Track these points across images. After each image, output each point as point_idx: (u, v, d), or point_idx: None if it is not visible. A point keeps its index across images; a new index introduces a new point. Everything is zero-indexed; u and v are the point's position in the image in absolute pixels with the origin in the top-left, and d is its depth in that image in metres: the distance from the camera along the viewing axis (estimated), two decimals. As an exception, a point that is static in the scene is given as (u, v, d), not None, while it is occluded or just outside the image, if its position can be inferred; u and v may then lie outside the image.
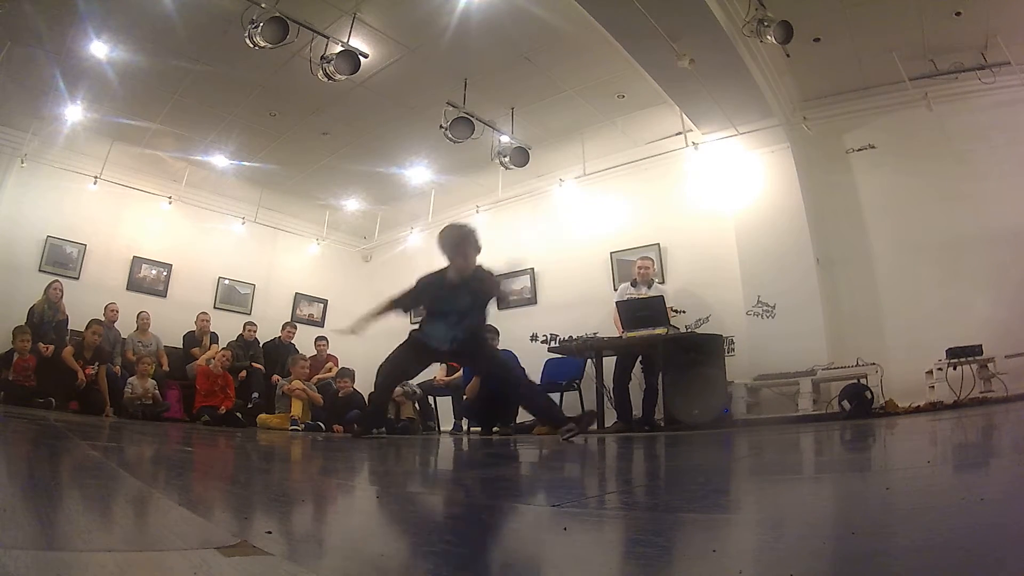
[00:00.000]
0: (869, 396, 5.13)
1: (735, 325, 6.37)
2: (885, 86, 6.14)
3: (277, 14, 4.80)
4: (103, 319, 6.91)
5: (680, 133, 7.01)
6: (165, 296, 8.22)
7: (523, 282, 8.41)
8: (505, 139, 6.85)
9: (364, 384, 7.50)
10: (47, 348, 6.26)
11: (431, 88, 6.22)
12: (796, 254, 6.20)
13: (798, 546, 0.92)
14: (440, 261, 4.14)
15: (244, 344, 7.76)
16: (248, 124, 7.11)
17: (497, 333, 6.36)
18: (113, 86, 6.08)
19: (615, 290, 6.85)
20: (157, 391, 6.64)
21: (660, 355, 5.62)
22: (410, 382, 6.06)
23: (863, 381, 5.29)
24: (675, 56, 5.21)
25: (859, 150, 6.42)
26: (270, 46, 4.86)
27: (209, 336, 7.75)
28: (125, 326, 7.29)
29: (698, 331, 6.08)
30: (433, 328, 4.13)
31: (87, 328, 6.48)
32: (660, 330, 5.67)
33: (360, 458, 2.98)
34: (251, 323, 8.07)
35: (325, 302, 9.95)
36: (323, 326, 9.55)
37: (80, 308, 6.91)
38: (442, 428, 7.20)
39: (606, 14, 4.97)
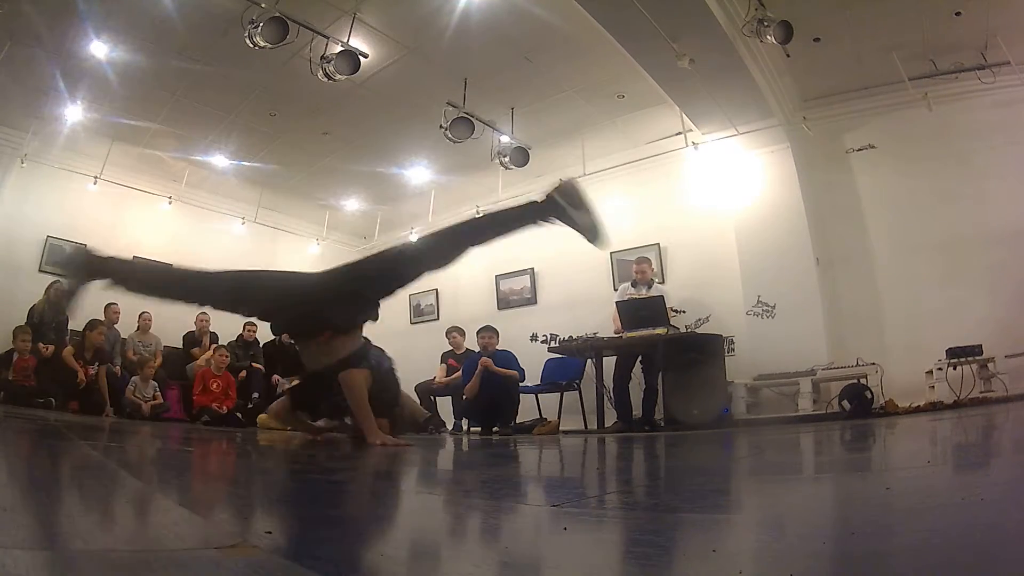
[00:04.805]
0: (869, 396, 5.14)
1: (735, 325, 6.37)
2: (885, 86, 6.14)
3: (277, 14, 4.80)
4: (103, 319, 6.90)
5: (680, 133, 7.01)
6: (165, 296, 8.21)
7: (523, 282, 8.41)
8: (505, 139, 6.85)
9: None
10: (47, 348, 6.25)
11: (431, 88, 6.22)
12: (796, 254, 6.20)
13: (798, 546, 0.92)
14: None
15: (244, 344, 7.76)
16: (248, 124, 7.11)
17: (496, 333, 6.37)
18: (113, 86, 6.08)
19: (615, 290, 6.85)
20: (159, 391, 6.65)
21: (660, 355, 5.63)
22: None
23: (863, 381, 5.30)
24: (675, 56, 5.21)
25: (859, 150, 6.42)
26: (270, 46, 4.86)
27: (209, 336, 7.74)
28: (125, 326, 7.28)
29: (698, 331, 6.08)
30: None
31: (93, 329, 6.46)
32: (660, 330, 5.67)
33: (359, 458, 2.98)
34: (251, 323, 8.05)
35: (325, 302, 9.94)
36: (323, 326, 9.52)
37: (80, 308, 6.90)
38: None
39: (606, 14, 4.97)
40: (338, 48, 5.26)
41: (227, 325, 8.10)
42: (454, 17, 5.25)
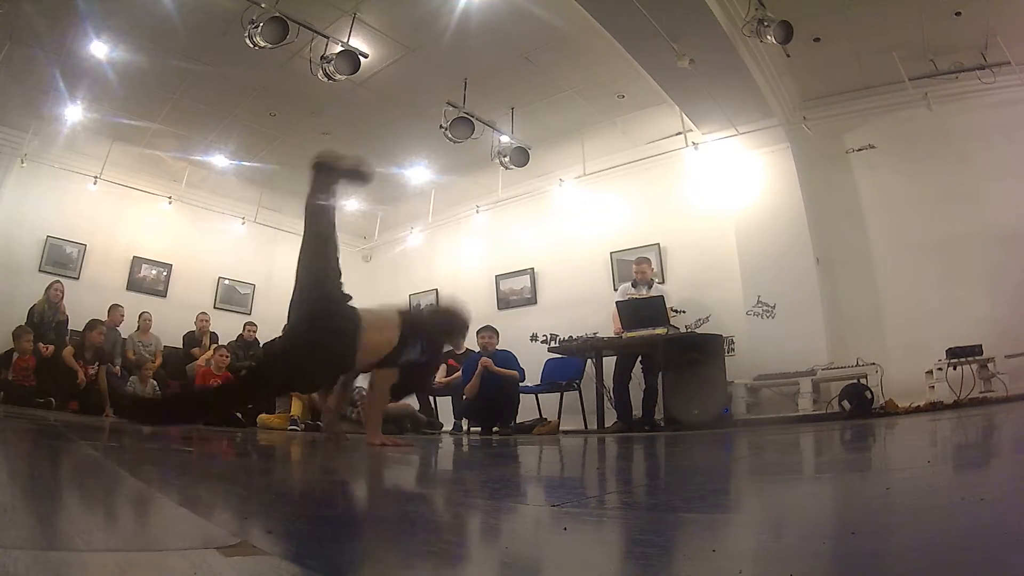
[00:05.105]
0: (869, 396, 5.14)
1: (735, 325, 6.37)
2: (885, 86, 6.14)
3: (277, 14, 4.80)
4: (106, 320, 6.91)
5: (680, 133, 7.01)
6: (165, 296, 8.22)
7: (523, 282, 8.41)
8: (505, 139, 6.86)
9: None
10: (47, 348, 6.26)
11: (431, 88, 6.22)
12: (796, 254, 6.20)
13: (798, 546, 0.92)
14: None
15: (244, 344, 7.76)
16: (248, 124, 7.11)
17: (497, 333, 6.37)
18: (113, 86, 6.08)
19: (615, 290, 6.85)
20: (159, 391, 6.65)
21: (660, 355, 5.62)
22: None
23: (863, 381, 5.29)
24: (675, 56, 5.21)
25: (859, 150, 6.42)
26: (270, 46, 4.86)
27: (209, 336, 7.75)
28: (126, 326, 7.29)
29: (698, 331, 6.08)
30: None
31: (92, 329, 6.46)
32: (660, 330, 5.67)
33: (359, 458, 2.98)
34: (251, 323, 8.07)
35: (325, 302, 9.94)
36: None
37: (80, 308, 6.91)
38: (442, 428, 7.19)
39: (606, 14, 4.97)
40: (338, 48, 5.26)
41: (227, 325, 8.12)
42: (454, 17, 5.25)
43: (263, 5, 4.82)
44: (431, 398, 7.15)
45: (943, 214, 5.84)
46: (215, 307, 8.54)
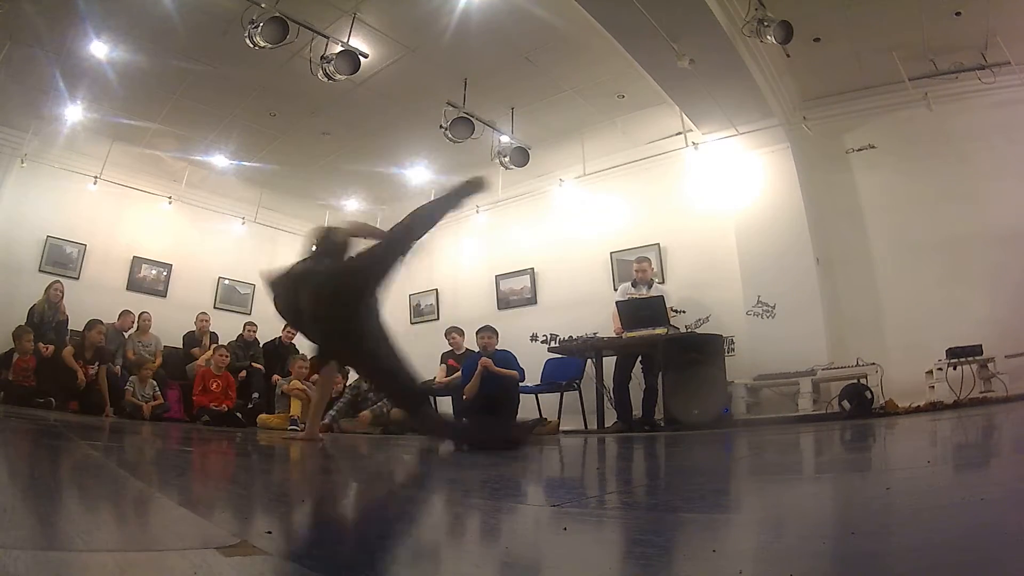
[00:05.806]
0: (869, 396, 5.14)
1: (735, 325, 6.37)
2: (885, 86, 6.14)
3: (277, 14, 4.80)
4: (115, 323, 6.93)
5: (680, 133, 7.01)
6: (165, 296, 8.22)
7: (523, 282, 8.41)
8: (505, 139, 6.85)
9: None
10: (47, 348, 6.26)
11: (431, 88, 6.22)
12: (796, 254, 6.20)
13: (798, 546, 0.92)
14: None
15: (244, 344, 7.75)
16: (248, 124, 7.10)
17: (496, 333, 6.37)
18: (113, 86, 6.07)
19: (615, 290, 6.85)
20: (159, 391, 6.66)
21: (660, 355, 5.62)
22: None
23: (863, 381, 5.29)
24: (675, 56, 5.21)
25: (859, 150, 6.42)
26: (270, 46, 4.86)
27: (209, 336, 7.74)
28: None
29: (698, 331, 6.07)
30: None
31: (92, 328, 6.46)
32: (660, 330, 5.67)
33: (359, 458, 2.98)
34: (251, 323, 8.06)
35: (325, 302, 9.92)
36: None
37: (80, 308, 6.91)
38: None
39: (606, 14, 4.97)
40: (338, 48, 5.26)
41: (227, 325, 8.11)
42: (454, 17, 5.25)
43: (263, 5, 4.82)
44: (432, 398, 7.14)
45: (943, 214, 5.83)
46: (215, 307, 8.53)
